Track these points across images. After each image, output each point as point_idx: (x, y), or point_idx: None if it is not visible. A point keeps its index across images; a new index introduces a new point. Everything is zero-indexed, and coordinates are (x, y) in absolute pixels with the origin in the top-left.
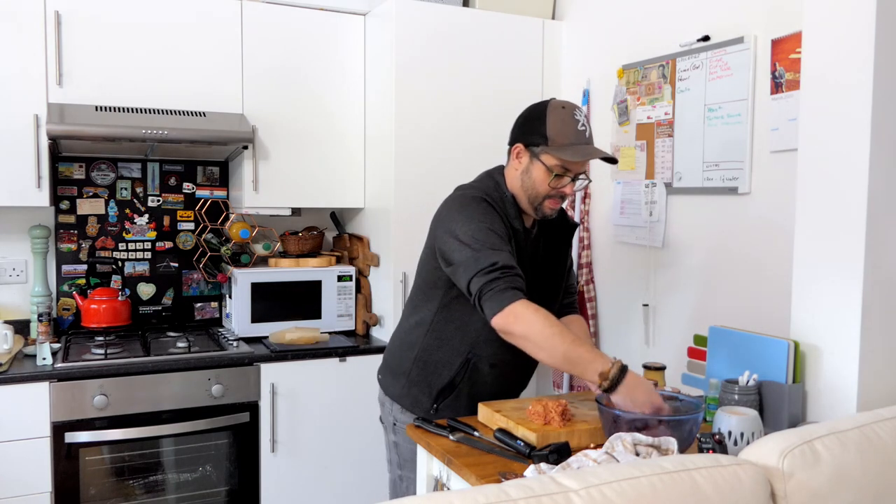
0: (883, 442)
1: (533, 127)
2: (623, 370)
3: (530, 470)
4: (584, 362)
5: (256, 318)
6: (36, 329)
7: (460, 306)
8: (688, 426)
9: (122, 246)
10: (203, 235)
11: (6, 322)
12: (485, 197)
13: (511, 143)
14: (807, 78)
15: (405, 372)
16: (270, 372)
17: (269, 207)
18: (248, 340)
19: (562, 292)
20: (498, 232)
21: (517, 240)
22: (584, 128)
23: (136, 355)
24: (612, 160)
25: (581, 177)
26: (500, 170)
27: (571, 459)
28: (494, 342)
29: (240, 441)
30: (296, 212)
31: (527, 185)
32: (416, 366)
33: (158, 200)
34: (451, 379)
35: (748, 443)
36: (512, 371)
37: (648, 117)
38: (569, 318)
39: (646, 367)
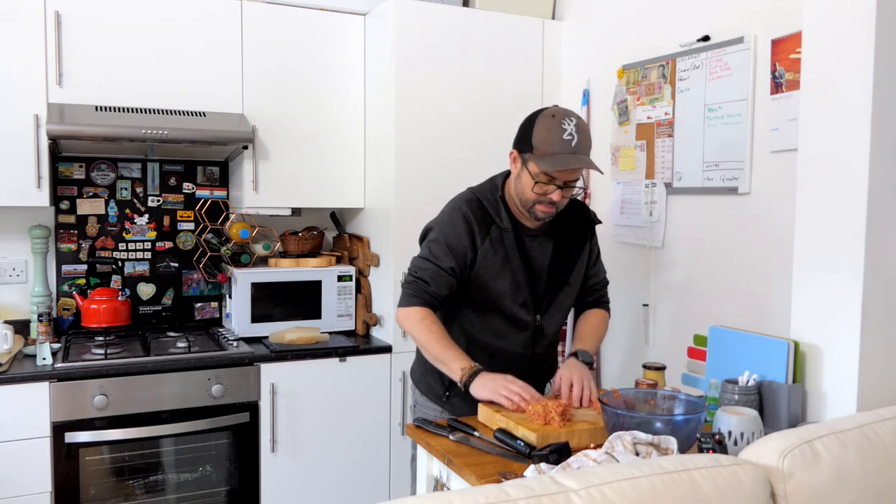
0: (883, 442)
1: (524, 134)
2: (477, 372)
3: (530, 470)
4: (450, 364)
5: (256, 318)
6: (36, 329)
7: (457, 299)
8: (690, 426)
9: (122, 246)
10: (203, 235)
11: (6, 322)
12: (464, 206)
13: (512, 148)
14: (807, 78)
15: (423, 360)
16: (270, 372)
17: (269, 207)
18: (248, 340)
19: (577, 287)
20: (448, 246)
21: (504, 240)
22: (570, 137)
23: (136, 355)
24: (596, 170)
25: (578, 183)
26: (505, 172)
27: (571, 459)
28: (488, 333)
29: (240, 441)
30: (296, 212)
31: (518, 191)
32: None
33: (158, 200)
34: None
35: (748, 443)
36: (515, 361)
37: (648, 117)
38: (586, 313)
39: (646, 367)
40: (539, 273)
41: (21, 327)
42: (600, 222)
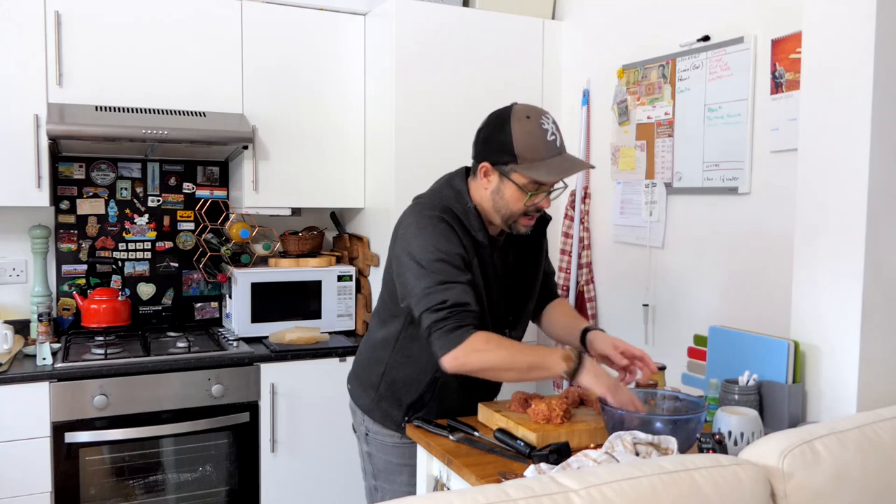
0: (883, 442)
1: (498, 143)
2: (581, 357)
3: (530, 470)
4: (546, 359)
5: (256, 318)
6: (36, 329)
7: None
8: (690, 426)
9: (122, 246)
10: (203, 235)
11: (6, 322)
12: (442, 215)
13: (476, 159)
14: (807, 78)
15: (374, 386)
16: (270, 372)
17: (269, 207)
18: (248, 340)
19: (537, 292)
20: (453, 261)
21: (481, 254)
22: (553, 137)
23: (136, 355)
24: (589, 167)
25: (557, 186)
26: (461, 175)
27: (571, 459)
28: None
29: (240, 441)
30: (296, 212)
31: (499, 206)
32: (385, 381)
33: (158, 200)
34: (420, 395)
35: (748, 443)
36: (482, 383)
37: (648, 117)
38: (552, 304)
39: None
40: (507, 286)
41: (21, 327)
42: (550, 218)
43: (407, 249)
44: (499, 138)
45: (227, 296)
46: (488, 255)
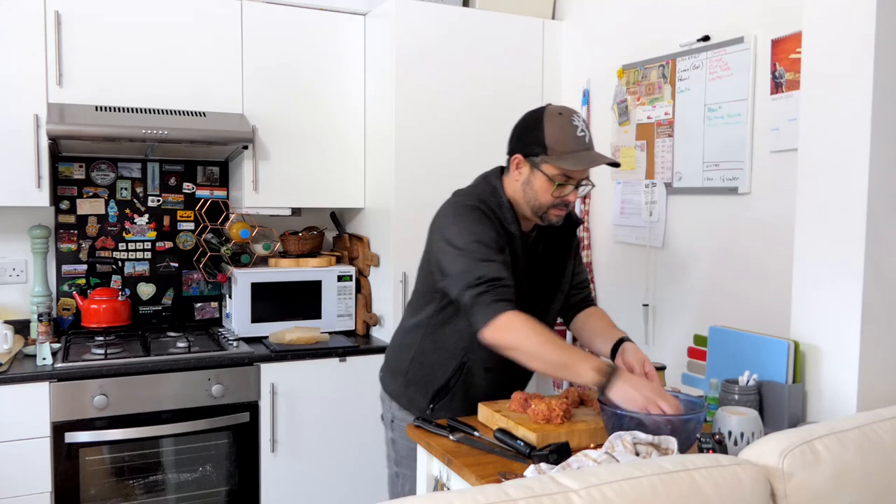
0: (883, 442)
1: (531, 136)
2: (614, 372)
3: (530, 470)
4: (578, 364)
5: (256, 318)
6: (36, 329)
7: (456, 311)
8: (690, 426)
9: (122, 246)
10: (203, 235)
11: (6, 322)
12: (478, 205)
13: (510, 154)
14: (807, 78)
15: (403, 371)
16: (270, 372)
17: (269, 207)
18: (248, 340)
19: (566, 291)
20: (489, 243)
21: (513, 246)
22: (583, 133)
23: (136, 355)
24: (614, 164)
25: (584, 182)
26: (497, 173)
27: (571, 459)
28: (489, 346)
29: (240, 441)
30: (296, 212)
31: (529, 196)
32: (413, 366)
33: (158, 200)
34: (447, 381)
35: (748, 443)
36: (508, 375)
37: (648, 117)
38: (589, 311)
39: None
40: (534, 281)
41: (21, 327)
42: (582, 221)
43: (443, 235)
44: (532, 133)
45: (227, 296)
46: (519, 248)
